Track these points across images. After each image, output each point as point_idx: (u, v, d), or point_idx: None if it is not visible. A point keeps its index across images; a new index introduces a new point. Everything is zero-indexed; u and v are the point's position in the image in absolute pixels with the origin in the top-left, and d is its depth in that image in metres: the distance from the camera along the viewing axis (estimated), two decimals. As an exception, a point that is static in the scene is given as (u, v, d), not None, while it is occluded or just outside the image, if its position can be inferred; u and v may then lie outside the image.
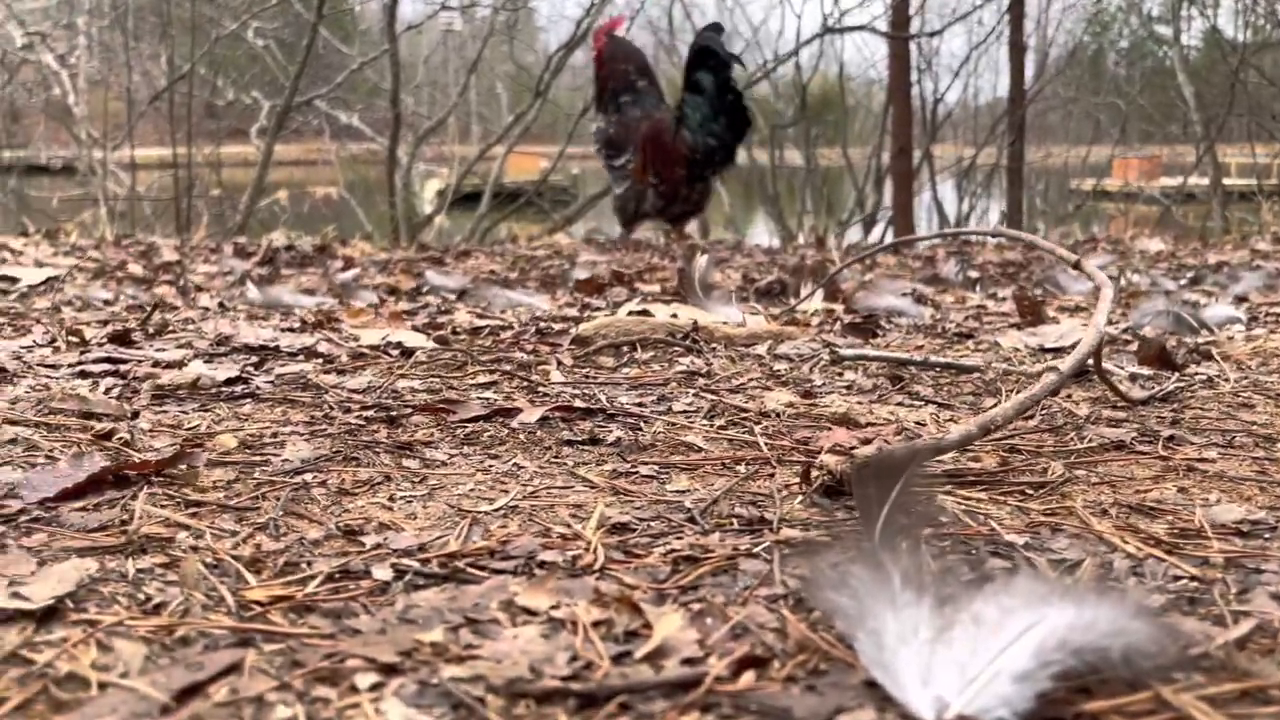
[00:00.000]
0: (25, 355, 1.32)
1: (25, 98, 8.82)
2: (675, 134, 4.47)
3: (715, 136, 4.46)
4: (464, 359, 1.46)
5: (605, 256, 4.40)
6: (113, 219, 7.23)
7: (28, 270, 3.09)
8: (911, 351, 1.72)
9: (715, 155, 4.51)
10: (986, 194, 9.54)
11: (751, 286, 3.19)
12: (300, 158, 11.71)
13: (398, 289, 3.23)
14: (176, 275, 3.20)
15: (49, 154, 9.18)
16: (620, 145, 4.61)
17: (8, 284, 2.99)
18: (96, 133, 7.56)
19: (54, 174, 8.92)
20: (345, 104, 8.91)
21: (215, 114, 8.64)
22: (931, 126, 9.11)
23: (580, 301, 2.38)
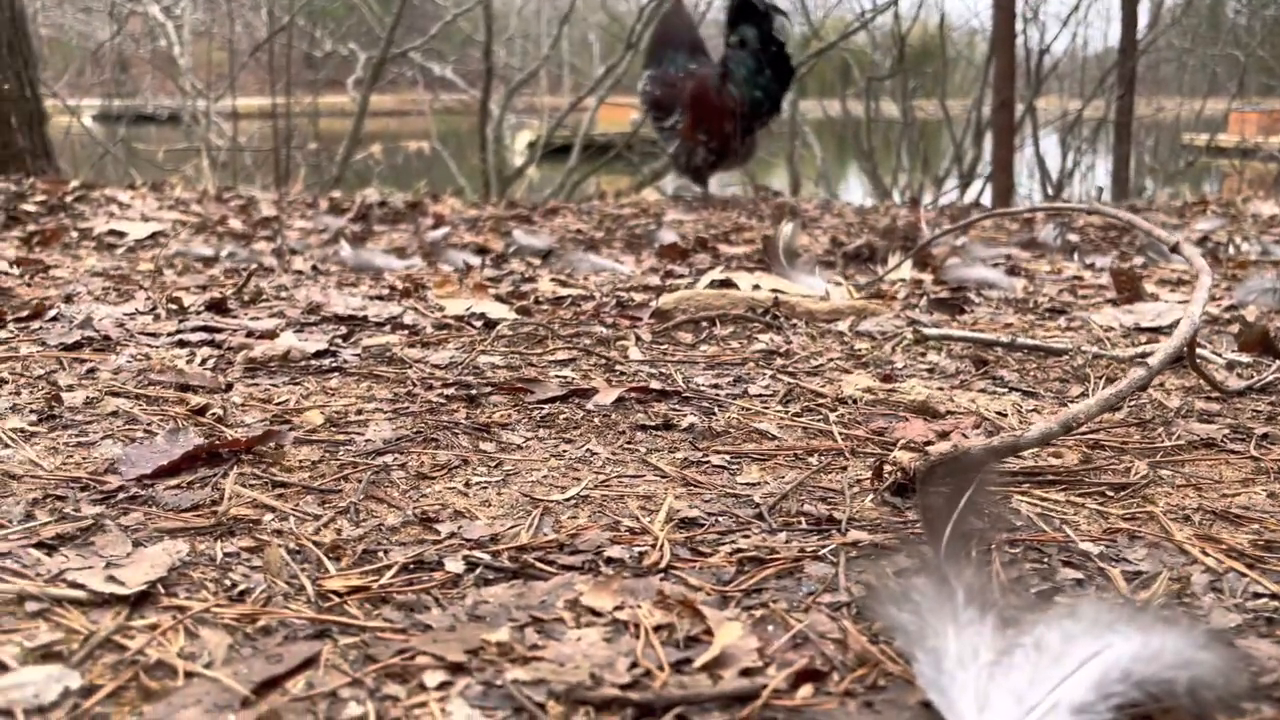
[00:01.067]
0: (128, 323, 1.39)
1: (133, 48, 9.11)
2: (720, 90, 4.52)
3: (761, 89, 4.51)
4: (545, 333, 1.48)
5: (692, 216, 4.38)
6: (215, 170, 7.46)
7: (135, 225, 3.21)
8: (999, 331, 1.68)
9: (762, 107, 4.56)
10: (1092, 150, 9.17)
11: (839, 250, 3.15)
12: (395, 108, 11.85)
13: (486, 248, 3.27)
14: (273, 232, 3.29)
15: (155, 103, 9.48)
16: (667, 106, 4.67)
17: (116, 238, 3.12)
18: (200, 83, 7.77)
19: (160, 123, 9.22)
20: (439, 55, 8.97)
21: (314, 65, 8.79)
22: (1036, 79, 8.77)
23: (663, 268, 2.38)
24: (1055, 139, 9.33)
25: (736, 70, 4.47)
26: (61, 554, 0.73)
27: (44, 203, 3.54)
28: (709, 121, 4.51)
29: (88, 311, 1.40)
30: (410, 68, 8.58)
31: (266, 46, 7.73)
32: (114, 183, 7.71)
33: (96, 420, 1.04)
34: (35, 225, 3.15)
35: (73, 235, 3.07)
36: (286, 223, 3.59)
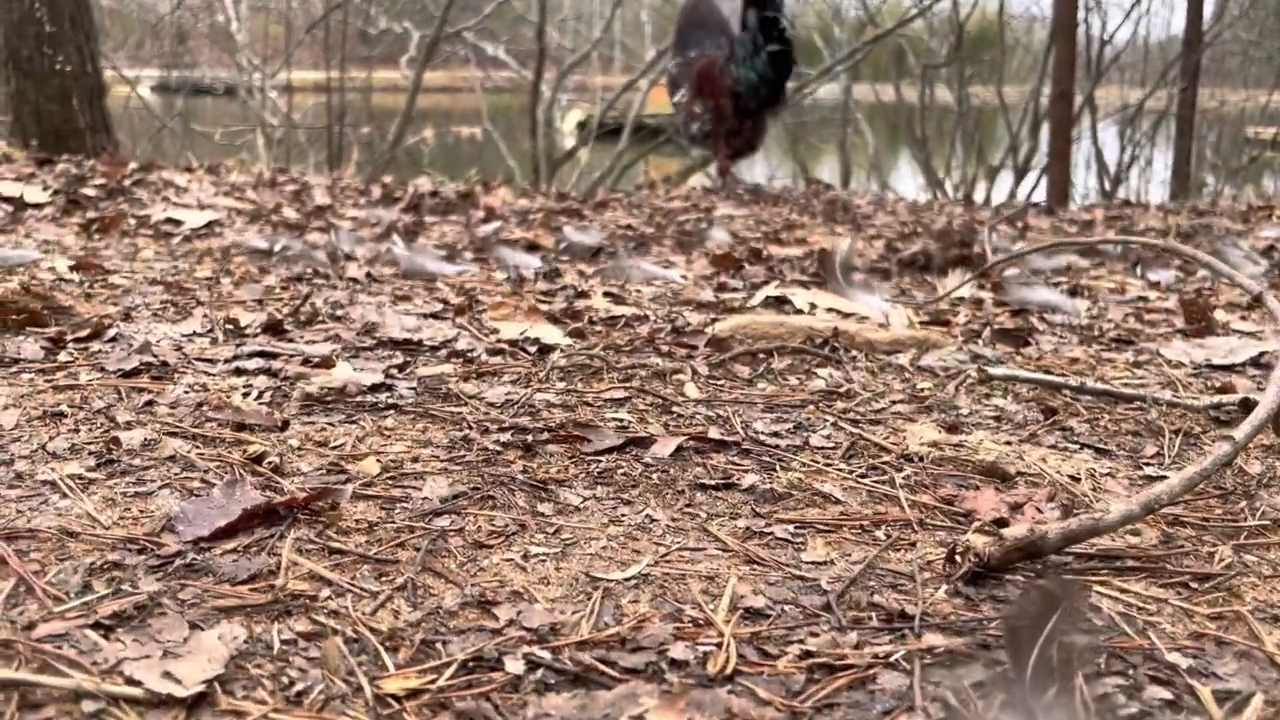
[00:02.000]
0: (186, 346, 1.38)
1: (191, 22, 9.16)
2: (724, 69, 4.71)
3: (756, 72, 4.64)
4: (599, 364, 1.45)
5: (743, 211, 4.32)
6: (270, 146, 7.50)
7: (191, 213, 3.22)
8: (1065, 368, 1.62)
9: (759, 90, 4.70)
10: (1151, 143, 8.92)
11: (894, 257, 3.08)
12: (447, 84, 11.84)
13: (536, 244, 3.24)
14: (327, 224, 3.28)
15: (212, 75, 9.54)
16: (679, 83, 4.90)
17: (173, 226, 3.13)
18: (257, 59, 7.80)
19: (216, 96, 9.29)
20: (491, 35, 8.93)
21: (368, 41, 8.78)
22: (1096, 69, 8.53)
23: (716, 280, 2.33)
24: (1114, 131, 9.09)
25: (738, 52, 4.66)
26: (118, 639, 0.71)
27: (103, 186, 3.56)
28: (708, 96, 4.72)
29: (146, 334, 1.39)
30: (463, 46, 8.55)
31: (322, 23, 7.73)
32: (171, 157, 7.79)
33: (154, 465, 1.03)
34: (95, 211, 3.17)
35: (130, 223, 3.09)
36: (339, 211, 3.59)
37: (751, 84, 4.67)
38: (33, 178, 3.58)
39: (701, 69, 4.82)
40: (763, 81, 4.69)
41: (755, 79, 4.67)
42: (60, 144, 6.48)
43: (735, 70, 4.67)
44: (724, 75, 4.74)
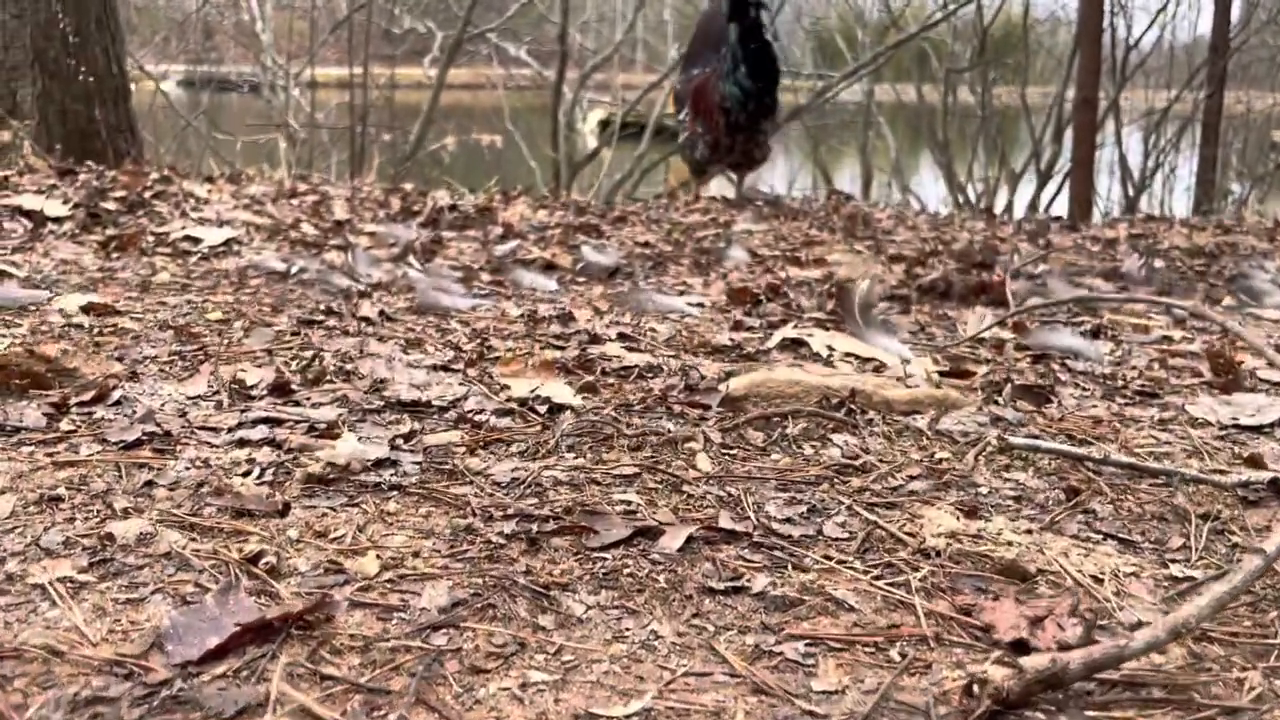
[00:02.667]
0: (190, 411, 1.34)
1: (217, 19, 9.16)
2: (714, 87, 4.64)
3: (738, 85, 4.55)
4: (610, 429, 1.41)
5: (762, 225, 4.26)
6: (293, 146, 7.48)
7: (209, 230, 3.20)
8: (1088, 434, 1.56)
9: (746, 104, 4.58)
10: (1175, 149, 8.77)
11: (914, 283, 3.02)
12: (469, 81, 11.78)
13: (554, 264, 3.20)
14: (344, 243, 3.25)
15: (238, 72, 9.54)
16: (680, 102, 4.85)
17: (191, 244, 3.11)
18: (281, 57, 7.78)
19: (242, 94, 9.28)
20: (514, 35, 8.88)
21: (392, 40, 8.75)
22: (1121, 75, 8.39)
23: (733, 316, 2.28)
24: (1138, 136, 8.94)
25: (723, 67, 4.57)
26: (95, 798, 0.68)
27: (124, 199, 3.55)
28: (703, 115, 4.66)
29: (151, 396, 1.36)
30: (485, 45, 8.50)
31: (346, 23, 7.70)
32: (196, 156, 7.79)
33: (149, 563, 1.00)
34: (114, 228, 3.15)
35: (149, 240, 3.07)
36: (357, 227, 3.56)
37: (736, 98, 4.58)
38: (54, 190, 3.57)
39: (696, 87, 4.75)
40: (747, 94, 4.59)
41: (739, 92, 4.58)
42: (85, 144, 6.49)
43: (721, 86, 4.59)
44: (714, 92, 4.65)
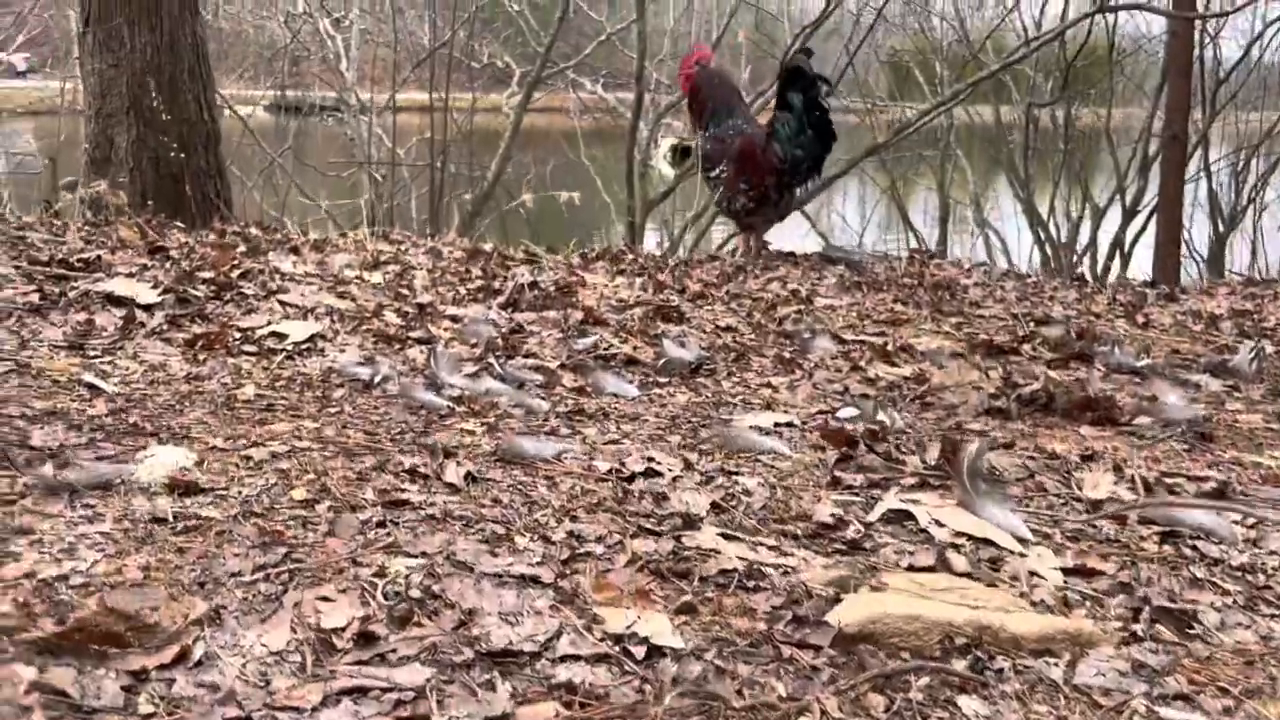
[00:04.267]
0: (273, 677, 1.24)
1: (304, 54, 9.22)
2: (765, 147, 4.81)
3: (802, 148, 4.78)
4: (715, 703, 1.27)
5: (845, 300, 4.07)
6: (374, 183, 7.48)
7: (294, 325, 3.14)
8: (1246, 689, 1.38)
9: (801, 165, 4.85)
10: (1265, 184, 8.32)
11: (1012, 394, 2.82)
12: (545, 105, 11.68)
13: (635, 359, 3.08)
14: (426, 334, 3.17)
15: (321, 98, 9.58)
16: (715, 159, 4.95)
17: (276, 341, 3.04)
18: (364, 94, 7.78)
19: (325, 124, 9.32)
20: (590, 68, 8.76)
21: (471, 75, 8.72)
22: (1210, 107, 7.98)
23: (830, 470, 2.11)
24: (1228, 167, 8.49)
25: (781, 130, 4.79)
26: None
27: (212, 280, 3.51)
28: (751, 174, 4.81)
29: (231, 661, 1.26)
30: (562, 80, 8.40)
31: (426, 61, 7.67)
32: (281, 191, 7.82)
33: None
34: (202, 323, 3.10)
35: (235, 335, 3.02)
36: (439, 310, 3.47)
37: (798, 161, 4.80)
38: (144, 271, 3.54)
39: (742, 148, 4.87)
40: (810, 159, 4.84)
41: (801, 155, 4.79)
42: (176, 188, 6.55)
43: (779, 149, 4.77)
44: (767, 154, 4.80)
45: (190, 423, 2.29)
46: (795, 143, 4.72)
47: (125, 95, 6.52)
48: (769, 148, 4.78)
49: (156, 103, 6.49)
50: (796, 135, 4.72)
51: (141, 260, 3.66)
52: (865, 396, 2.82)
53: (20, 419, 2.22)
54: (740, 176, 4.82)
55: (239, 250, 3.99)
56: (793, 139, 4.72)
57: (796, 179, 4.89)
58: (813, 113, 4.71)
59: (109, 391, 2.49)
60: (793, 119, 4.73)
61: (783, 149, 4.73)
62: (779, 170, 4.78)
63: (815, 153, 4.80)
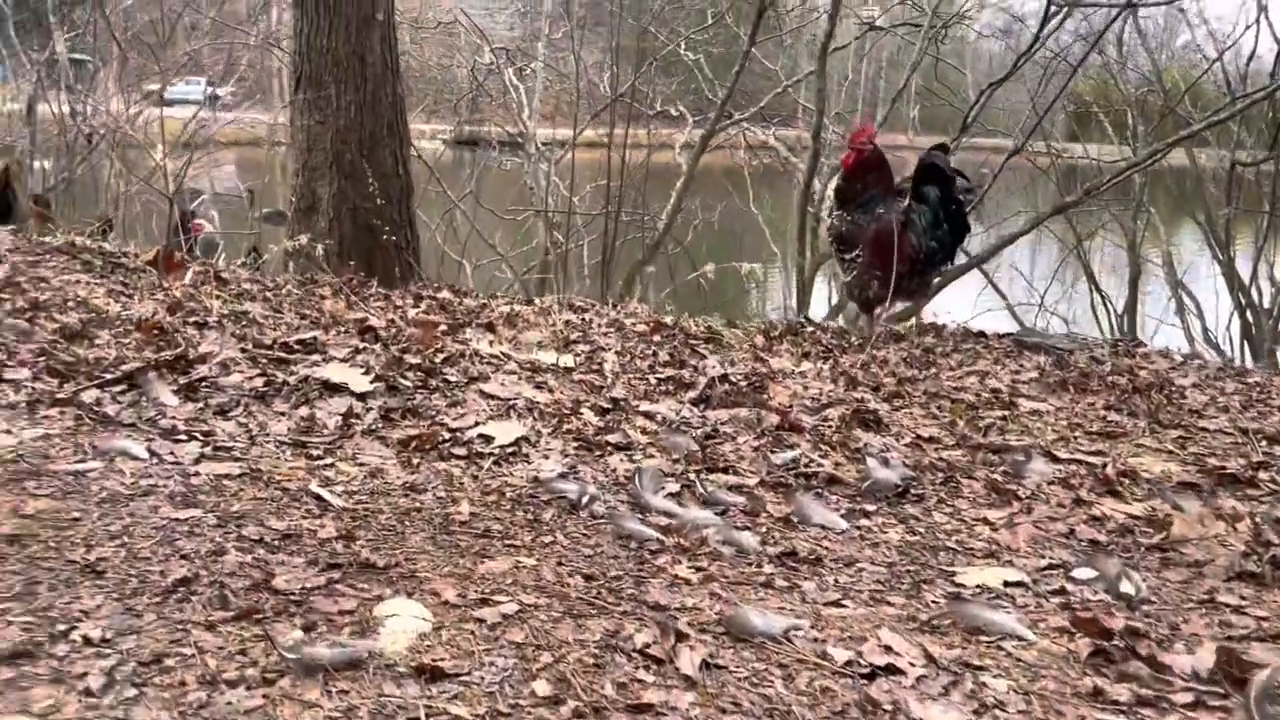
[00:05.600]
0: None
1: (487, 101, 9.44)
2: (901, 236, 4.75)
3: (938, 240, 4.78)
4: None
5: (1051, 402, 3.79)
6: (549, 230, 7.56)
7: (500, 426, 3.13)
8: None
9: (936, 256, 4.86)
10: None
11: (1265, 554, 2.53)
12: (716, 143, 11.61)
13: (837, 479, 2.93)
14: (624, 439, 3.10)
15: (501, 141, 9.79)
16: (851, 242, 4.92)
17: (484, 444, 3.04)
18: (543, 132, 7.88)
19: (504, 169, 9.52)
20: (762, 115, 8.62)
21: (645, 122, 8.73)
22: None
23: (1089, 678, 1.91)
24: None
25: (917, 221, 4.77)
26: None
27: (418, 366, 3.55)
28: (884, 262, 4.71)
29: None
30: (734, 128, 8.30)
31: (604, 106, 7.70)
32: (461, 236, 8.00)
33: None
34: (413, 418, 3.12)
35: (444, 437, 3.03)
36: (634, 407, 3.40)
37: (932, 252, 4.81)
38: (356, 355, 3.62)
39: (878, 234, 4.80)
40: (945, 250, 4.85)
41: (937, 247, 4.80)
42: (371, 238, 6.78)
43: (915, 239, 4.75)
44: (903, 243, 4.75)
45: (415, 554, 2.29)
46: (931, 234, 4.76)
47: (329, 151, 6.79)
48: (905, 236, 4.76)
49: (356, 158, 6.73)
50: (933, 227, 4.76)
51: (353, 342, 3.75)
52: (1095, 544, 2.59)
53: (260, 545, 2.27)
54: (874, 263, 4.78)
55: (440, 329, 4.04)
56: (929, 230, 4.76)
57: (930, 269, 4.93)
58: (949, 206, 4.76)
59: (336, 506, 2.52)
60: (929, 211, 4.78)
61: (918, 239, 4.76)
62: (913, 260, 4.79)
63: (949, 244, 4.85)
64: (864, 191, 4.94)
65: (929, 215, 4.76)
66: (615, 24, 7.67)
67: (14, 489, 2.48)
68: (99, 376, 3.16)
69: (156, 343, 3.50)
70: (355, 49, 6.41)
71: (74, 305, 3.91)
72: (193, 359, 3.37)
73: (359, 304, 4.48)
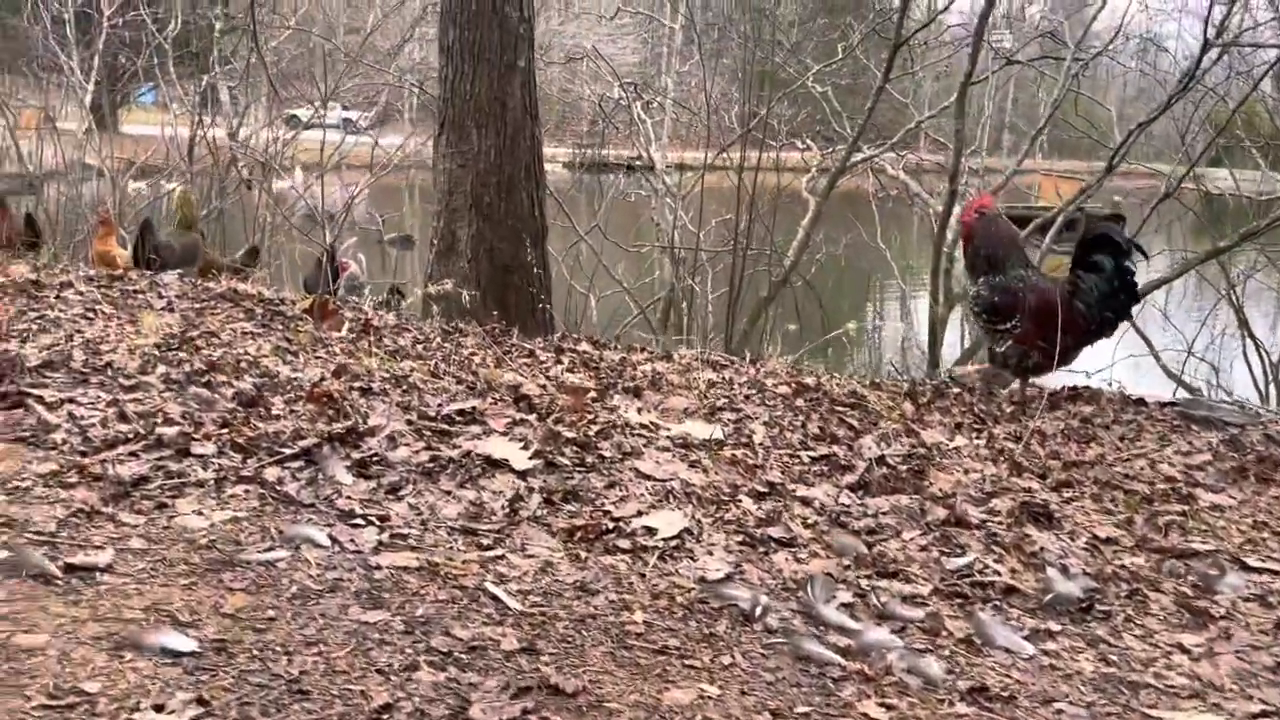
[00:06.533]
0: None
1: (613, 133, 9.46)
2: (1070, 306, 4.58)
3: (1113, 311, 4.64)
4: None
5: (1233, 494, 3.54)
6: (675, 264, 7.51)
7: (661, 517, 3.08)
8: None
9: (1105, 327, 4.70)
10: None
11: None
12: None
13: (1014, 588, 2.78)
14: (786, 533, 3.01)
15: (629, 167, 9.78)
16: (1006, 312, 4.74)
17: (648, 536, 2.99)
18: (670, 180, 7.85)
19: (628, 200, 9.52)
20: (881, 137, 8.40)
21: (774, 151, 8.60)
22: None
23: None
24: None
25: (1089, 292, 4.60)
26: None
27: (572, 441, 3.54)
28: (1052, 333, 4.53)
29: None
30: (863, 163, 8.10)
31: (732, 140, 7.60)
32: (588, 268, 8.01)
33: None
34: (573, 506, 3.10)
35: (608, 527, 3.00)
36: (788, 490, 3.31)
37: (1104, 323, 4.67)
38: (514, 427, 3.62)
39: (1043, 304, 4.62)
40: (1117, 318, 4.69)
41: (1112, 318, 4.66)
42: (505, 278, 6.84)
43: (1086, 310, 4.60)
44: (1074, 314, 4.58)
45: (599, 674, 2.25)
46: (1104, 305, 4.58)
47: (469, 194, 6.88)
48: (1074, 307, 4.56)
49: (495, 200, 6.80)
50: (1107, 299, 4.58)
51: (509, 412, 3.76)
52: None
53: (450, 661, 2.26)
54: (1040, 334, 4.58)
55: (589, 396, 4.03)
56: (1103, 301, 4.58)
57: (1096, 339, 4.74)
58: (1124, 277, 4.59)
59: (514, 610, 2.51)
60: (1102, 281, 4.59)
61: (1090, 311, 4.58)
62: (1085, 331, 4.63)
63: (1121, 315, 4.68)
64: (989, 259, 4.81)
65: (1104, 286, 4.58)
66: (746, 57, 7.57)
67: (213, 581, 2.54)
68: (279, 452, 3.23)
69: (327, 412, 3.57)
70: (497, 94, 6.48)
71: (246, 366, 4.03)
72: (362, 431, 3.43)
73: (506, 362, 4.51)
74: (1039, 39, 7.43)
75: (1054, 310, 4.51)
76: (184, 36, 9.61)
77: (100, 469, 3.05)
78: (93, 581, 2.49)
